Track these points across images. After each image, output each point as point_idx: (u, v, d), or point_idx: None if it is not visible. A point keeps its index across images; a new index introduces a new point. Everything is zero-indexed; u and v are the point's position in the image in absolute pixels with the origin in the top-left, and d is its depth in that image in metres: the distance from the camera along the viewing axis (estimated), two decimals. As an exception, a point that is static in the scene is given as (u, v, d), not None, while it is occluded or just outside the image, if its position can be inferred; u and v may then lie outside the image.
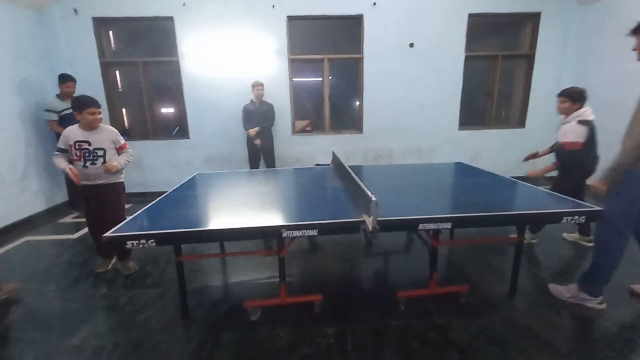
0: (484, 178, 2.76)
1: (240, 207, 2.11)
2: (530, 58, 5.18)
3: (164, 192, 2.46)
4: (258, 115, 4.55)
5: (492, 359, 1.70)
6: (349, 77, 5.42)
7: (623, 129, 1.86)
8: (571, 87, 2.77)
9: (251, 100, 4.62)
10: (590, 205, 1.92)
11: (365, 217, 1.68)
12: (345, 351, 1.78)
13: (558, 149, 2.85)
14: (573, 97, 2.70)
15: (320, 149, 5.20)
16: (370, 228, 1.57)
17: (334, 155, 3.25)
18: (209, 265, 2.81)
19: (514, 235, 2.27)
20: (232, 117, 4.86)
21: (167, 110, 6.45)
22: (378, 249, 3.08)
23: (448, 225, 1.78)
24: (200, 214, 2.07)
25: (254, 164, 4.73)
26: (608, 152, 2.17)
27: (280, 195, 2.40)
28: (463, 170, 3.14)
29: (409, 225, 1.88)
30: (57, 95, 4.12)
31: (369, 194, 1.61)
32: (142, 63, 4.87)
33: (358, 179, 2.04)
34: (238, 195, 2.43)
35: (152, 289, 2.46)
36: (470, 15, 4.89)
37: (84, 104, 2.46)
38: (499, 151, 5.40)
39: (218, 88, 4.89)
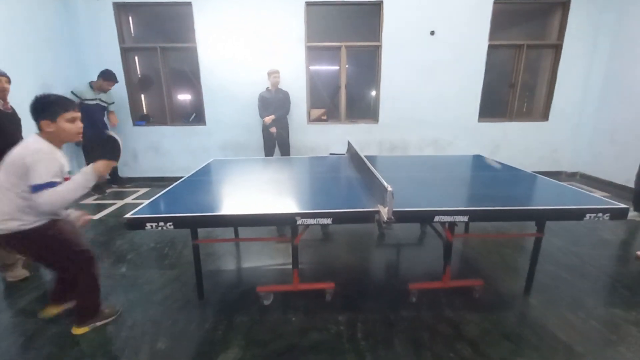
0: (503, 172, 2.69)
1: (255, 194, 2.13)
2: (557, 48, 4.95)
3: (181, 177, 2.51)
4: (274, 103, 4.55)
5: (505, 355, 1.69)
6: (367, 66, 5.31)
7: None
8: None
9: (267, 88, 4.61)
10: (615, 202, 1.84)
11: (380, 208, 1.67)
12: (355, 339, 1.80)
13: None
14: None
15: (335, 138, 5.17)
16: (385, 218, 1.56)
17: (349, 144, 3.23)
18: (223, 250, 2.87)
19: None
20: (248, 104, 4.88)
21: (184, 96, 6.51)
22: (391, 241, 3.07)
23: (465, 218, 1.75)
24: (216, 199, 2.10)
25: (269, 152, 4.75)
26: None
27: (294, 183, 2.41)
28: (482, 164, 3.06)
29: (425, 217, 1.86)
30: (90, 84, 4.21)
31: (385, 184, 1.59)
32: (160, 49, 4.91)
33: (373, 168, 2.02)
34: (253, 181, 2.45)
35: (170, 270, 2.54)
36: (496, 2, 4.69)
37: (62, 105, 1.55)
38: (520, 144, 5.25)
39: (235, 75, 4.90)
